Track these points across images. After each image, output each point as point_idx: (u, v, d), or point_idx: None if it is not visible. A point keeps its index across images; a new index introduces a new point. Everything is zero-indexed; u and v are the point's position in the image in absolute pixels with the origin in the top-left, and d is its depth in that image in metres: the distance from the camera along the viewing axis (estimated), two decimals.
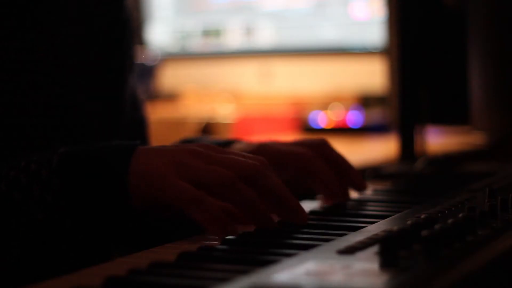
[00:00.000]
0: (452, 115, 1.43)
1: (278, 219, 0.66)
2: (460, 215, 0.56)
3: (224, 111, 2.32)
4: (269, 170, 0.65)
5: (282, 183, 0.65)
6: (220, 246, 0.60)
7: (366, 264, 0.49)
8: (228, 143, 0.84)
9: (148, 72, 2.56)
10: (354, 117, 2.19)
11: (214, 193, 0.61)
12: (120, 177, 0.61)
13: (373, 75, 2.27)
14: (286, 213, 0.65)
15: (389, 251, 0.50)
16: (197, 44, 2.72)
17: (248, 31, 2.62)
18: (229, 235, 0.61)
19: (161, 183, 0.60)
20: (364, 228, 0.62)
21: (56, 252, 0.64)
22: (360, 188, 0.80)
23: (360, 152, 1.91)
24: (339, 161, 0.80)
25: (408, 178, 1.00)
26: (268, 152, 0.80)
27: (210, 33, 2.69)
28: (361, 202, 0.79)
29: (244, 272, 0.48)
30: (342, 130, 2.17)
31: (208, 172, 0.61)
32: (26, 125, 0.73)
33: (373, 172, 1.01)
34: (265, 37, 2.59)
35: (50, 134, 0.75)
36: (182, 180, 0.60)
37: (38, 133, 0.74)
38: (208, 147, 0.65)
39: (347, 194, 0.79)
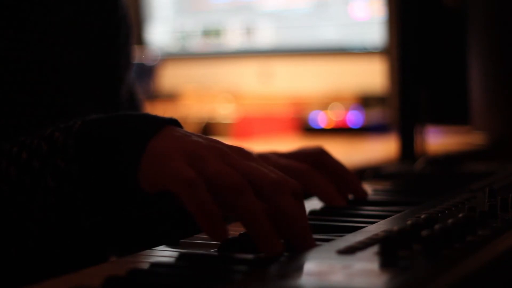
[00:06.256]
0: (452, 115, 1.43)
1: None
2: (460, 215, 0.56)
3: (224, 111, 2.32)
4: (293, 191, 0.57)
5: (302, 208, 0.58)
6: (219, 247, 0.59)
7: (366, 264, 0.49)
8: None
9: (148, 72, 2.56)
10: (354, 117, 2.19)
11: (219, 198, 0.55)
12: (132, 158, 0.58)
13: (373, 75, 2.27)
14: (293, 239, 0.56)
15: (389, 251, 0.50)
16: (197, 44, 2.72)
17: (248, 31, 2.62)
18: (219, 238, 0.55)
19: (165, 165, 0.56)
20: (364, 228, 0.62)
21: (55, 252, 0.64)
22: (360, 195, 0.80)
23: (360, 152, 1.91)
24: (338, 169, 0.80)
25: (408, 178, 1.00)
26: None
27: (210, 33, 2.69)
28: (361, 202, 0.79)
29: (244, 272, 0.48)
30: (342, 130, 2.17)
31: (218, 172, 0.55)
32: (19, 125, 0.73)
33: (373, 172, 1.01)
34: (265, 37, 2.59)
35: None
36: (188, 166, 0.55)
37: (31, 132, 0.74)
38: (237, 150, 0.59)
39: (346, 202, 0.79)
